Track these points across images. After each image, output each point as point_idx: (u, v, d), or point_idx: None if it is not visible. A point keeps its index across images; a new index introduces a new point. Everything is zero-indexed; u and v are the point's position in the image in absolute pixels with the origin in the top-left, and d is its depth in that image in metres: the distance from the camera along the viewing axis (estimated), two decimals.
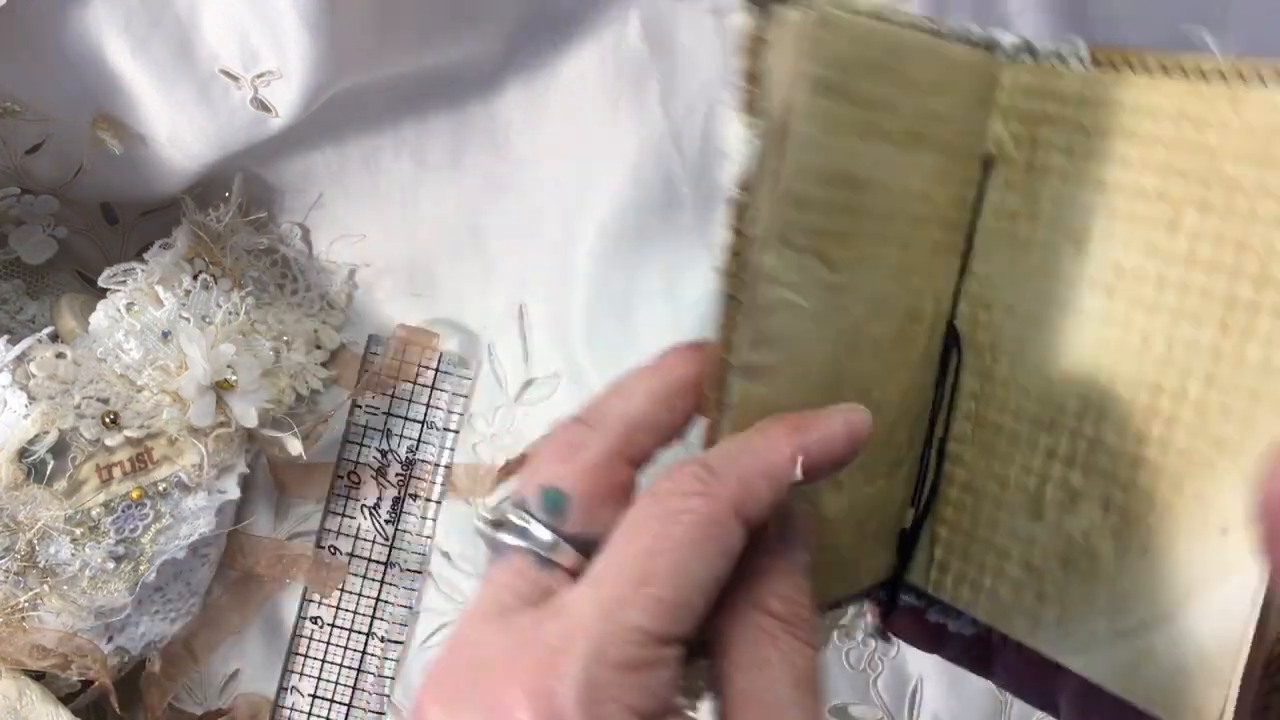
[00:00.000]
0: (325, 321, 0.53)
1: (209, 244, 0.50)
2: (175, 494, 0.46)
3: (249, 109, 0.46)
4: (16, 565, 0.43)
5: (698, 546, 0.23)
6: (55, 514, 0.43)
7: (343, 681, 0.52)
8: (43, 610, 0.44)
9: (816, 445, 0.25)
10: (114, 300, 0.46)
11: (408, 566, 0.53)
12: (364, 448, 0.53)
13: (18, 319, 0.50)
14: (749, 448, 0.25)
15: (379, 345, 0.53)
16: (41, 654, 0.44)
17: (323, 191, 0.52)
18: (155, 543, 0.46)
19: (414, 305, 0.54)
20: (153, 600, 0.47)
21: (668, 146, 0.49)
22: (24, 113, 0.46)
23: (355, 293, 0.54)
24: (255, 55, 0.44)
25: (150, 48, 0.44)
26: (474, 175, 0.51)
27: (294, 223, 0.53)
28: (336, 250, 0.53)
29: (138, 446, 0.45)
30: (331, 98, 0.46)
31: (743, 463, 0.25)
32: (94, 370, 0.45)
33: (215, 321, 0.47)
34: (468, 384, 0.53)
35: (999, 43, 0.29)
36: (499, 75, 0.49)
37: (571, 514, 0.26)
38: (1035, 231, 0.28)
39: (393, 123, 0.50)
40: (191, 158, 0.48)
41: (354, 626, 0.52)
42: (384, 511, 0.53)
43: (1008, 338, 0.30)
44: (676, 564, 0.23)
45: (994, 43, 0.29)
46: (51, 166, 0.49)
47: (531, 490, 0.26)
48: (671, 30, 0.46)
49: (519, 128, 0.50)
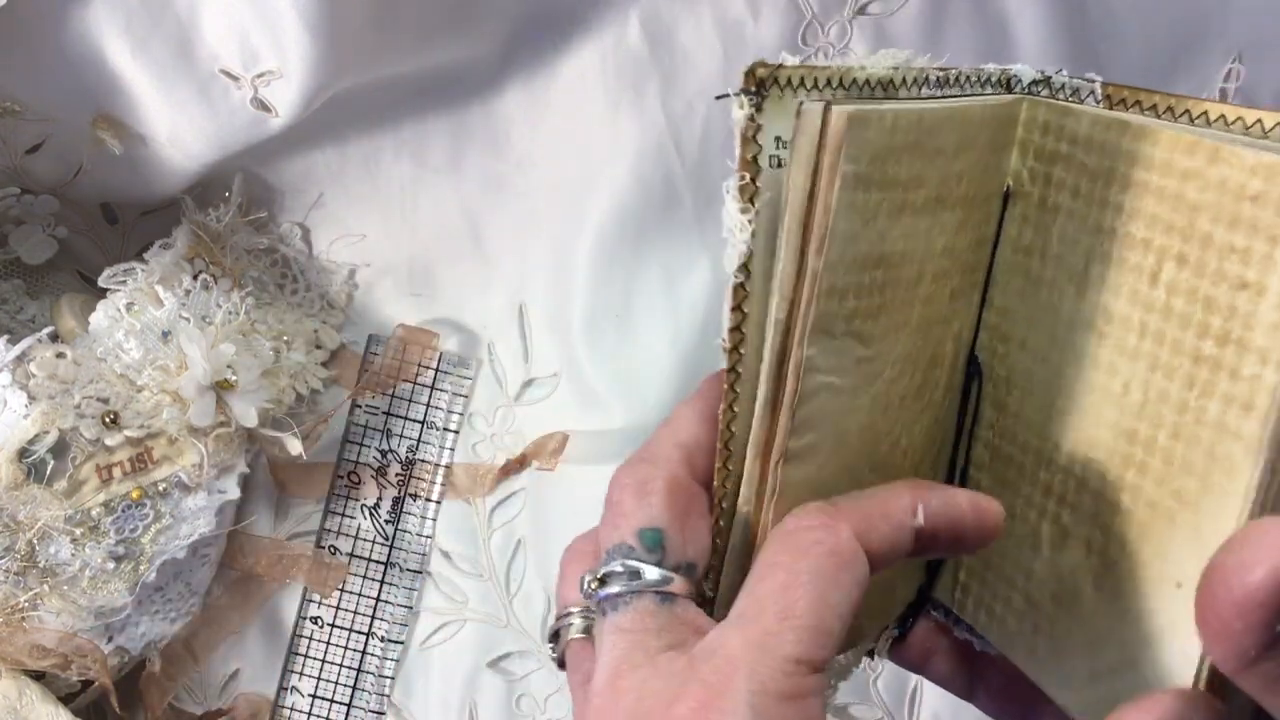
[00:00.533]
0: (325, 321, 0.53)
1: (209, 244, 0.50)
2: (175, 494, 0.46)
3: (249, 109, 0.46)
4: (16, 565, 0.43)
5: (831, 575, 0.25)
6: (55, 514, 0.43)
7: (343, 681, 0.52)
8: (43, 610, 0.44)
9: (938, 504, 0.27)
10: (114, 300, 0.46)
11: (408, 566, 0.53)
12: (364, 448, 0.53)
13: (18, 319, 0.50)
14: (871, 493, 0.27)
15: (379, 345, 0.53)
16: (41, 654, 0.44)
17: (323, 191, 0.52)
18: (155, 543, 0.46)
19: (414, 305, 0.54)
20: (153, 600, 0.47)
21: (668, 146, 0.49)
22: (24, 113, 0.46)
23: (355, 293, 0.54)
24: (255, 55, 0.44)
25: (150, 48, 0.44)
26: (474, 175, 0.51)
27: (294, 223, 0.53)
28: (336, 250, 0.53)
29: (138, 446, 0.45)
30: (331, 98, 0.46)
31: (864, 504, 0.26)
32: (94, 370, 0.45)
33: (215, 321, 0.47)
34: (468, 384, 0.53)
35: (1017, 78, 0.29)
36: (499, 75, 0.49)
37: (670, 546, 0.27)
38: (1045, 269, 0.29)
39: (393, 123, 0.50)
40: (191, 158, 0.48)
41: (354, 626, 0.52)
42: (384, 511, 0.53)
43: (1019, 371, 0.30)
44: (815, 594, 0.24)
45: (1012, 78, 0.29)
46: (51, 166, 0.49)
47: (629, 536, 0.27)
48: (671, 30, 0.46)
49: (519, 128, 0.50)
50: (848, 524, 0.25)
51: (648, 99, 0.48)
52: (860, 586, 0.25)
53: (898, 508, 0.26)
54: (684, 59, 0.47)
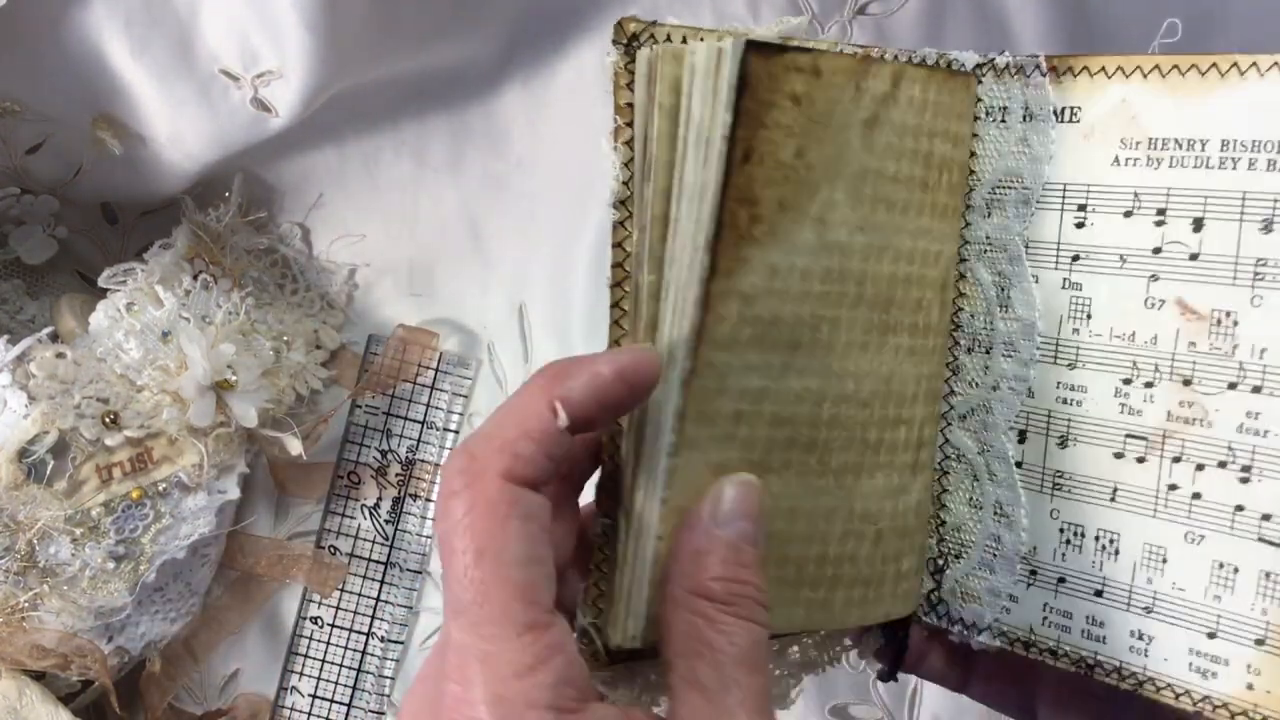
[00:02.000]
0: (325, 321, 0.53)
1: (209, 244, 0.50)
2: (175, 494, 0.46)
3: (249, 109, 0.46)
4: (16, 565, 0.43)
5: (497, 533, 0.24)
6: (55, 514, 0.43)
7: (343, 681, 0.52)
8: (43, 610, 0.44)
9: (579, 392, 0.25)
10: (114, 300, 0.46)
11: (408, 566, 0.53)
12: (364, 448, 0.53)
13: (18, 319, 0.51)
14: (506, 411, 0.25)
15: (379, 345, 0.53)
16: (41, 654, 0.44)
17: (323, 191, 0.52)
18: (155, 543, 0.46)
19: (414, 305, 0.54)
20: (153, 600, 0.47)
21: None
22: (24, 113, 0.46)
23: (355, 293, 0.54)
24: (255, 55, 0.44)
25: (150, 48, 0.44)
26: (474, 175, 0.51)
27: (294, 223, 0.53)
28: (336, 250, 0.53)
29: (138, 446, 0.45)
30: (331, 98, 0.46)
31: (502, 432, 0.25)
32: (94, 370, 0.45)
33: (215, 321, 0.47)
34: (468, 384, 0.53)
35: (960, 62, 0.31)
36: (499, 75, 0.49)
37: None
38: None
39: (393, 123, 0.50)
40: (191, 158, 0.48)
41: (354, 626, 0.52)
42: (384, 511, 0.53)
43: None
44: (490, 562, 0.23)
45: (953, 62, 0.31)
46: (51, 166, 0.49)
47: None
48: None
49: (519, 128, 0.50)
50: (489, 469, 0.24)
51: None
52: (535, 519, 0.24)
53: (535, 418, 0.25)
54: None
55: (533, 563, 0.24)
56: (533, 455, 0.25)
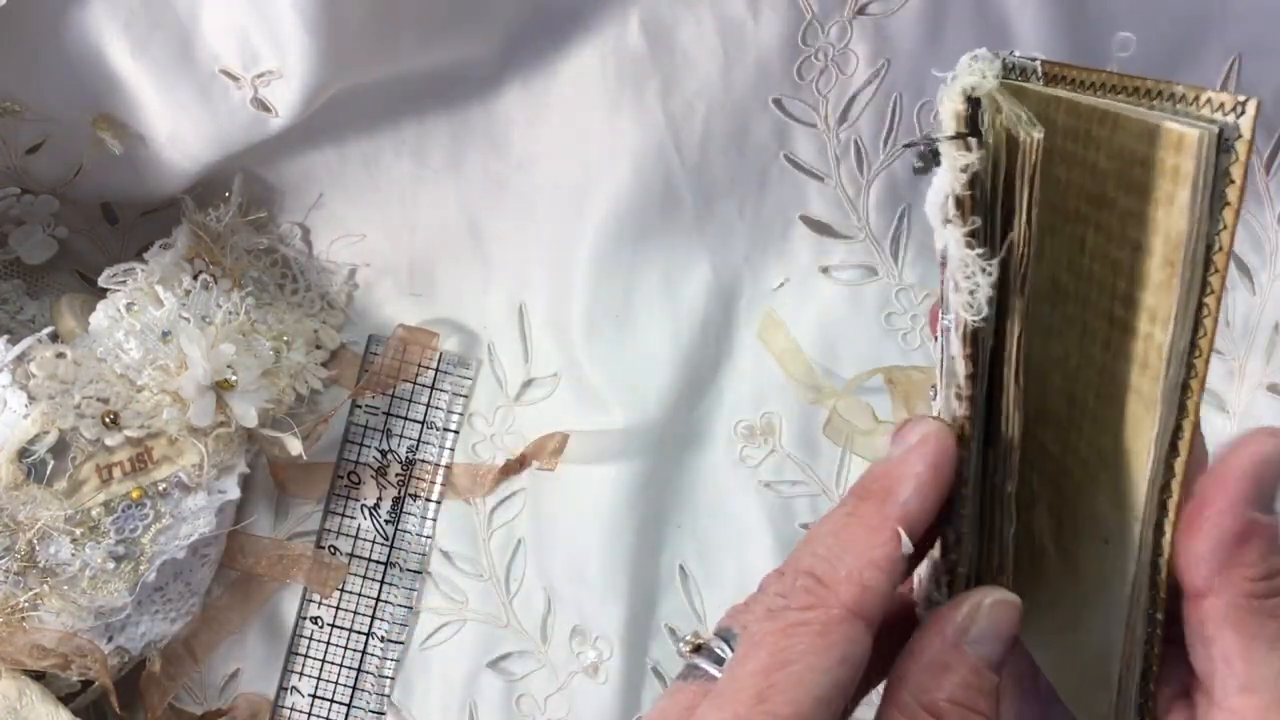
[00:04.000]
0: (325, 321, 0.53)
1: (209, 244, 0.50)
2: (175, 494, 0.46)
3: (249, 109, 0.46)
4: (16, 565, 0.43)
5: (816, 659, 0.23)
6: (55, 514, 0.43)
7: (343, 681, 0.52)
8: (43, 610, 0.44)
9: (915, 503, 0.24)
10: (114, 300, 0.46)
11: (408, 566, 0.53)
12: (364, 448, 0.53)
13: (18, 319, 0.51)
14: (848, 542, 0.24)
15: (379, 345, 0.54)
16: (41, 654, 0.44)
17: (323, 191, 0.52)
18: (155, 543, 0.46)
19: (414, 305, 0.54)
20: (153, 600, 0.47)
21: (668, 146, 0.49)
22: (24, 113, 0.46)
23: (355, 293, 0.54)
24: (255, 55, 0.44)
25: (150, 48, 0.44)
26: (474, 175, 0.51)
27: (294, 223, 0.53)
28: (336, 250, 0.53)
29: (138, 446, 0.45)
30: (331, 98, 0.46)
31: (849, 561, 0.24)
32: (94, 370, 0.45)
33: (215, 321, 0.47)
34: (468, 384, 0.53)
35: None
36: (499, 75, 0.49)
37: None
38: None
39: (393, 123, 0.50)
40: (191, 158, 0.48)
41: (354, 626, 0.52)
42: (384, 511, 0.53)
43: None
44: (794, 678, 0.23)
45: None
46: (51, 166, 0.49)
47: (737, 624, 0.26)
48: (671, 30, 0.46)
49: (519, 128, 0.50)
50: (838, 598, 0.23)
51: (648, 99, 0.48)
52: (852, 664, 0.23)
53: (881, 544, 0.24)
54: (684, 59, 0.47)
55: (819, 702, 0.23)
56: (878, 588, 0.24)
